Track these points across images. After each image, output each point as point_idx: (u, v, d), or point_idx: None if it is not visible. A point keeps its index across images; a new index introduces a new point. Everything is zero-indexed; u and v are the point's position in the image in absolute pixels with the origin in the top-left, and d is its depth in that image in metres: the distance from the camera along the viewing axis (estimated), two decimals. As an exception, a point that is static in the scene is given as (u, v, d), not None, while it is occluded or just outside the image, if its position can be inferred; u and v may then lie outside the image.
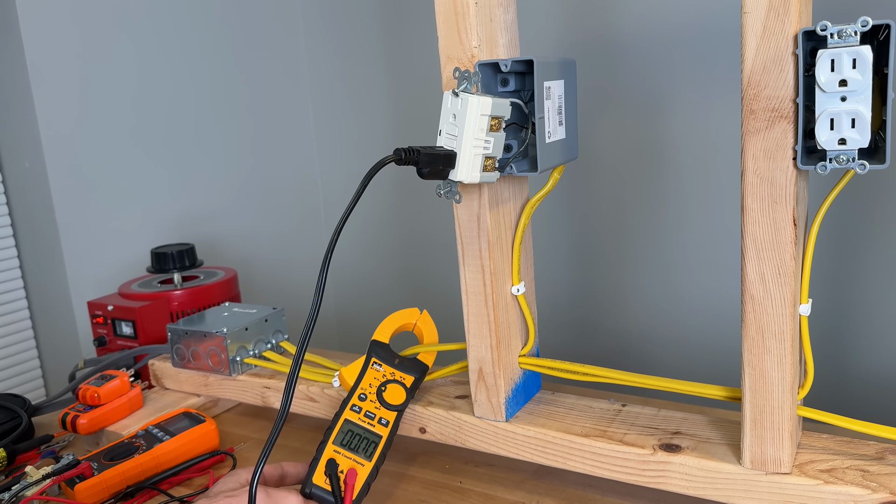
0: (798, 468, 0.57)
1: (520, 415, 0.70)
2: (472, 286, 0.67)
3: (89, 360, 1.00)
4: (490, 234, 0.65)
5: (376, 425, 0.67)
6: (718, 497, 0.60)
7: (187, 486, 0.77)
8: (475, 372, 0.69)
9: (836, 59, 0.47)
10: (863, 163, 0.48)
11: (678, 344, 1.14)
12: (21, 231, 1.20)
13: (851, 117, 0.47)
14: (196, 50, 1.30)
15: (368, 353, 0.73)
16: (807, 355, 0.57)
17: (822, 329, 0.99)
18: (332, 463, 0.63)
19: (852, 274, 0.98)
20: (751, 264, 0.54)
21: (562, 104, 0.63)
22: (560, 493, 0.70)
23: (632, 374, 0.66)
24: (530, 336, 0.72)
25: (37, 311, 1.22)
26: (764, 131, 0.51)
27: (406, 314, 0.78)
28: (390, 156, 0.56)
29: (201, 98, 1.32)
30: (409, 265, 1.45)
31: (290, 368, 0.59)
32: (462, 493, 0.72)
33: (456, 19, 0.60)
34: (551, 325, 1.16)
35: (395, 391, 0.70)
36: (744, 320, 0.56)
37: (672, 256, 1.12)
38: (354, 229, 1.45)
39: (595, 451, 0.64)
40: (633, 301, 1.17)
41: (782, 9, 0.48)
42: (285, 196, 1.49)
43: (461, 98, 0.56)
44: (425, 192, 1.34)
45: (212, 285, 1.05)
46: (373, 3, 1.36)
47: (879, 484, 0.54)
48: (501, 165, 0.60)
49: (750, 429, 0.57)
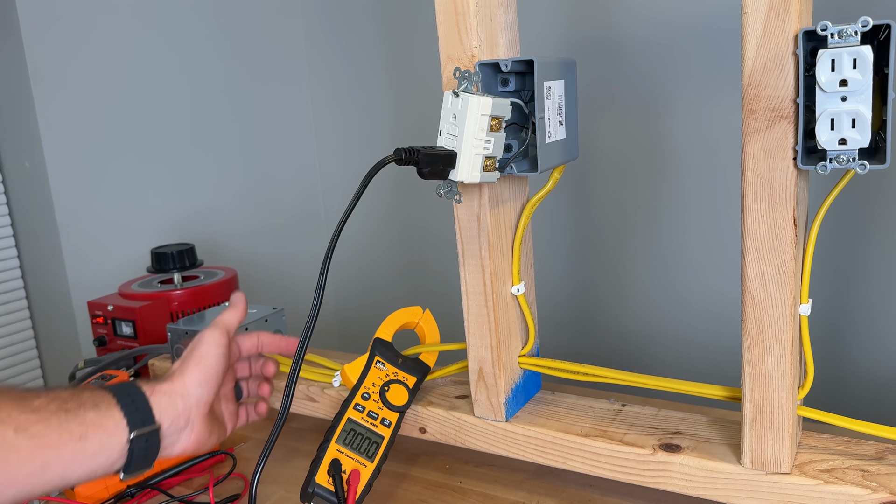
0: (798, 468, 0.57)
1: (520, 415, 0.70)
2: (472, 286, 0.67)
3: (89, 360, 1.00)
4: (490, 234, 0.65)
5: (379, 426, 0.67)
6: (718, 497, 0.60)
7: (187, 486, 0.77)
8: (475, 372, 0.69)
9: (837, 59, 0.47)
10: (863, 163, 0.48)
11: (678, 344, 1.14)
12: (21, 231, 1.20)
13: (852, 117, 0.47)
14: (196, 50, 1.30)
15: (371, 350, 0.73)
16: (807, 355, 0.57)
17: (822, 329, 0.99)
18: (336, 463, 0.63)
19: (852, 274, 0.98)
20: (751, 264, 0.54)
21: (562, 104, 0.63)
22: (560, 493, 0.70)
23: (632, 374, 0.66)
24: (530, 336, 0.72)
25: (37, 311, 1.22)
26: (764, 131, 0.51)
27: (409, 312, 0.78)
28: (390, 156, 0.56)
29: (201, 98, 1.32)
30: (409, 265, 1.45)
31: (290, 368, 0.59)
32: (462, 493, 0.72)
33: (456, 19, 0.60)
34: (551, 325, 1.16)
35: (398, 392, 0.70)
36: (744, 320, 0.56)
37: (672, 256, 1.12)
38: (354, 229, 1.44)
39: (595, 451, 0.64)
40: (634, 301, 1.17)
41: (783, 9, 0.48)
42: (285, 196, 1.49)
43: (461, 98, 0.56)
44: (425, 192, 1.34)
45: (212, 285, 1.05)
46: (373, 3, 1.36)
47: (879, 484, 0.54)
48: (502, 165, 0.60)
49: (750, 429, 0.57)
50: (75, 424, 0.52)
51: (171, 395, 0.58)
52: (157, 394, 0.57)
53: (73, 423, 0.51)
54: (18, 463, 0.49)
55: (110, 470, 0.54)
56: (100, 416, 0.53)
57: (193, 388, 0.59)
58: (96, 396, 0.55)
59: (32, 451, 0.49)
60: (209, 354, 0.61)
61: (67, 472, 0.51)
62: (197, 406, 0.59)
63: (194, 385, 0.59)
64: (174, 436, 0.58)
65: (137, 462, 0.55)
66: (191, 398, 0.59)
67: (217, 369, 0.61)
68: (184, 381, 0.59)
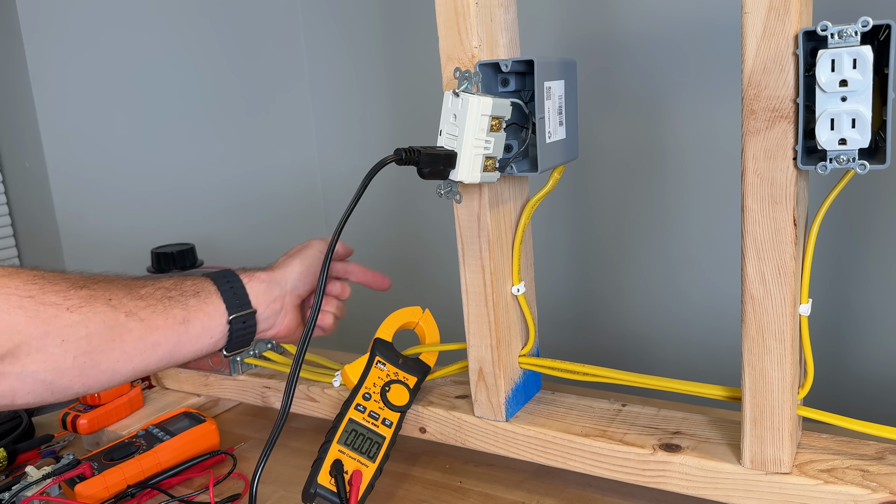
0: (798, 468, 0.57)
1: (520, 415, 0.70)
2: (472, 286, 0.67)
3: (89, 359, 1.00)
4: (490, 234, 0.65)
5: (380, 426, 0.67)
6: (718, 497, 0.60)
7: (187, 486, 0.77)
8: (475, 372, 0.69)
9: (837, 60, 0.47)
10: (863, 163, 0.48)
11: (678, 344, 1.14)
12: (21, 231, 1.19)
13: (852, 117, 0.47)
14: (196, 50, 1.30)
15: (372, 350, 0.73)
16: (807, 355, 0.57)
17: (822, 329, 0.99)
18: (338, 464, 0.63)
19: (852, 274, 0.98)
20: (751, 264, 0.54)
21: (562, 104, 0.63)
22: (560, 493, 0.70)
23: (632, 374, 0.66)
24: (530, 336, 0.72)
25: (37, 311, 1.22)
26: (764, 131, 0.51)
27: (409, 312, 0.78)
28: (391, 156, 0.56)
29: (201, 98, 1.32)
30: (409, 265, 1.45)
31: (291, 368, 0.59)
32: (462, 493, 0.72)
33: (456, 19, 0.60)
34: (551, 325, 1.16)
35: (399, 392, 0.70)
36: (744, 320, 0.56)
37: (672, 256, 1.12)
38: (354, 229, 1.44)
39: (595, 450, 0.64)
40: (634, 301, 1.17)
41: (783, 9, 0.48)
42: (285, 196, 1.49)
43: (462, 98, 0.56)
44: (425, 192, 1.34)
45: (212, 285, 1.05)
46: (373, 3, 1.36)
47: (879, 484, 0.54)
48: (502, 165, 0.60)
49: (750, 429, 0.57)
50: (178, 309, 0.58)
51: (269, 283, 0.65)
52: (255, 280, 0.64)
53: (176, 308, 0.58)
54: (133, 342, 0.55)
55: (214, 348, 0.61)
56: (200, 302, 0.60)
57: (292, 277, 0.66)
58: (198, 284, 0.61)
59: (143, 331, 0.56)
60: (313, 256, 0.69)
61: (176, 350, 0.58)
62: (292, 294, 0.66)
63: (294, 275, 0.67)
64: (271, 319, 0.65)
65: (237, 341, 0.62)
66: (287, 286, 0.66)
67: (316, 269, 0.67)
68: (284, 271, 0.67)
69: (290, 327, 0.67)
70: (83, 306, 0.53)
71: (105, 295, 0.55)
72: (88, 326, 0.53)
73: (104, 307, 0.54)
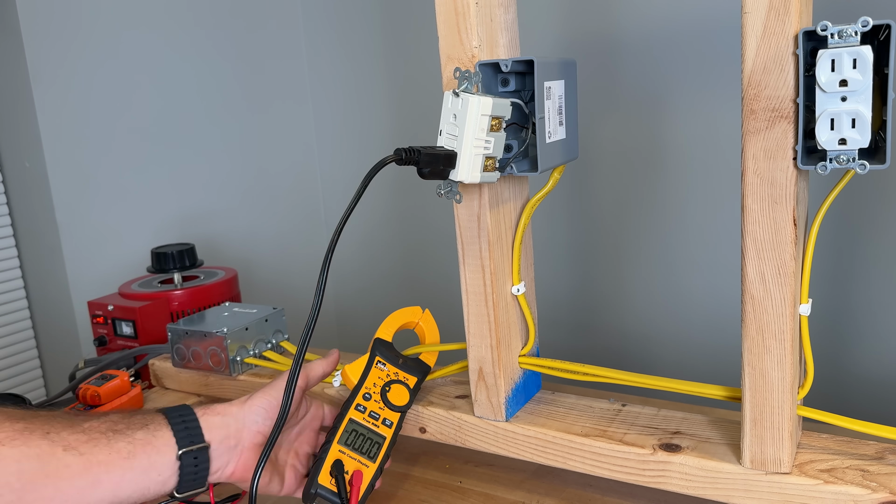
0: (798, 468, 0.57)
1: (520, 415, 0.70)
2: (472, 286, 0.67)
3: (89, 360, 1.00)
4: (490, 234, 0.65)
5: (380, 426, 0.67)
6: (718, 497, 0.60)
7: (187, 486, 0.77)
8: (475, 372, 0.69)
9: (837, 59, 0.47)
10: (863, 163, 0.48)
11: (678, 344, 1.14)
12: (21, 231, 1.20)
13: (852, 117, 0.47)
14: (196, 49, 1.30)
15: (372, 350, 0.73)
16: (807, 355, 0.57)
17: (822, 329, 0.99)
18: (339, 464, 0.63)
19: (852, 274, 0.98)
20: (751, 264, 0.54)
21: (562, 104, 0.63)
22: (560, 493, 0.70)
23: (632, 374, 0.66)
24: (530, 336, 0.72)
25: (37, 311, 1.22)
26: (764, 131, 0.51)
27: (409, 312, 0.78)
28: (391, 156, 0.56)
29: (201, 98, 1.32)
30: (409, 265, 1.45)
31: (291, 368, 0.59)
32: (462, 493, 0.72)
33: (456, 19, 0.60)
34: (551, 325, 1.16)
35: (399, 392, 0.70)
36: (744, 320, 0.56)
37: (672, 256, 1.12)
38: (355, 229, 1.45)
39: (595, 450, 0.64)
40: (634, 301, 1.17)
41: (783, 9, 0.48)
42: (285, 196, 1.49)
43: (462, 98, 0.56)
44: (425, 192, 1.34)
45: (212, 285, 1.05)
46: (373, 3, 1.36)
47: (879, 484, 0.54)
48: (502, 165, 0.60)
49: (750, 429, 0.57)
50: (123, 443, 0.54)
51: (225, 416, 0.60)
52: (210, 413, 0.59)
53: (121, 442, 0.54)
54: (70, 478, 0.51)
55: (163, 489, 0.56)
56: (148, 435, 0.55)
57: (252, 412, 0.61)
58: (147, 417, 0.57)
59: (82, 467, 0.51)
60: (280, 388, 0.61)
61: (119, 490, 0.53)
62: (249, 430, 0.60)
63: (254, 409, 0.61)
64: (225, 456, 0.59)
65: (188, 480, 0.56)
66: (245, 421, 0.60)
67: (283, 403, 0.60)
68: (244, 404, 0.61)
69: (246, 467, 0.60)
70: (16, 439, 0.50)
71: (43, 428, 0.51)
72: (20, 461, 0.49)
73: (40, 440, 0.50)
